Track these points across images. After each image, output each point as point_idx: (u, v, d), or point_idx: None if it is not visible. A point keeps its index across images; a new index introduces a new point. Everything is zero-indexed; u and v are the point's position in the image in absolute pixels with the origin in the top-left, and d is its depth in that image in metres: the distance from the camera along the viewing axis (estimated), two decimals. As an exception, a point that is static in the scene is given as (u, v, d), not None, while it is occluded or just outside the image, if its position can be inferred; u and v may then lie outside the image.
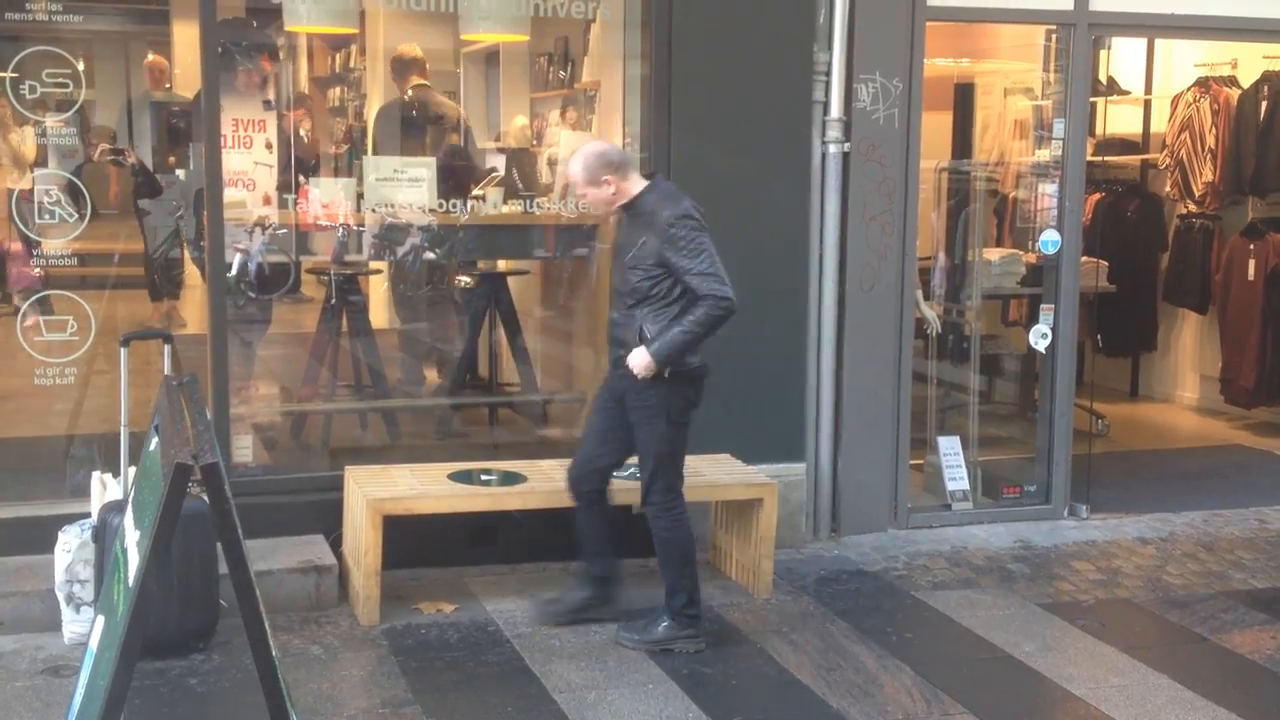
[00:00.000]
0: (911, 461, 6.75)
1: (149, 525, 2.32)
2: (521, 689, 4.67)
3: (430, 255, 6.42)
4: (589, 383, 6.82)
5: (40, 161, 5.75)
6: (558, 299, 7.15)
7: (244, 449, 5.75)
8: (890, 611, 5.57)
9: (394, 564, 5.63)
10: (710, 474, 5.75)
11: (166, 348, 5.06)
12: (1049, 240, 6.81)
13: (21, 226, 5.63)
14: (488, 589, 5.60)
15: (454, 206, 6.26)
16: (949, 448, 6.90)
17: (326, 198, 6.26)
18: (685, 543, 5.07)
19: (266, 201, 6.22)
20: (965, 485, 6.83)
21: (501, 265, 7.13)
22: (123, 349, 4.97)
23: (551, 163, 7.42)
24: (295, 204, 6.18)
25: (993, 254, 7.60)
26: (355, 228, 6.43)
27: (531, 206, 6.47)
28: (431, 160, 6.34)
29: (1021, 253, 7.65)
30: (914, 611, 5.59)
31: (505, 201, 6.52)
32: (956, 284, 7.69)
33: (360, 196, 6.17)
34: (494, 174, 7.39)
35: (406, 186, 6.13)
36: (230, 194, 5.91)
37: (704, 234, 4.85)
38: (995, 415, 7.96)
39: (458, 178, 6.69)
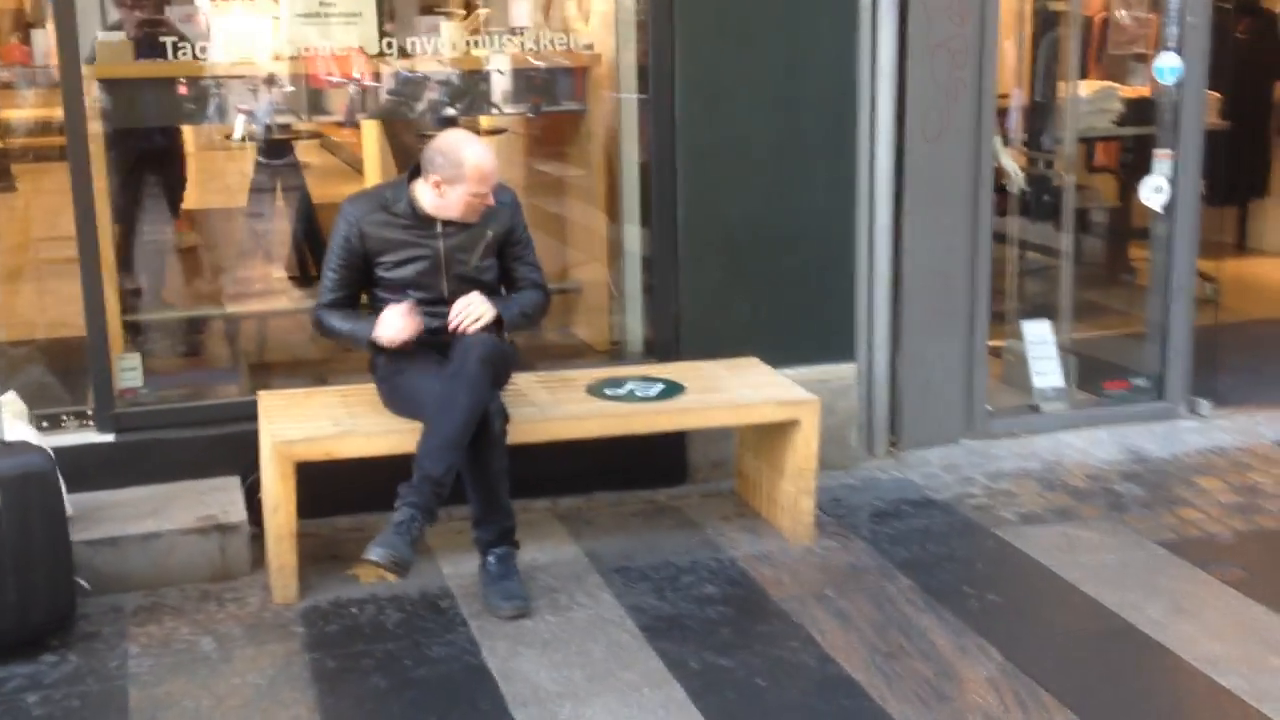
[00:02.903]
0: (989, 342, 5.39)
1: None
2: (470, 703, 3.45)
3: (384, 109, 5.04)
4: (587, 271, 5.51)
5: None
6: (547, 166, 5.77)
7: (131, 371, 4.49)
8: (967, 560, 4.30)
9: (333, 508, 4.46)
10: (730, 388, 4.44)
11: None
12: (1168, 67, 5.33)
13: None
14: (450, 542, 4.38)
15: (389, 48, 4.84)
16: (1037, 335, 5.54)
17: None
18: None
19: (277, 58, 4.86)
20: (1058, 381, 5.48)
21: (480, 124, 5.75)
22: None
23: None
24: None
25: (1082, 88, 6.14)
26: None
27: (498, 46, 5.04)
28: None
29: (1118, 86, 6.21)
30: (998, 559, 4.32)
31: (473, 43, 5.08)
32: (1039, 126, 6.29)
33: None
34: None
35: (336, 24, 4.76)
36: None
37: None
38: (1093, 282, 6.59)
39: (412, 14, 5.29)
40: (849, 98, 4.86)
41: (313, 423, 4.05)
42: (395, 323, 3.94)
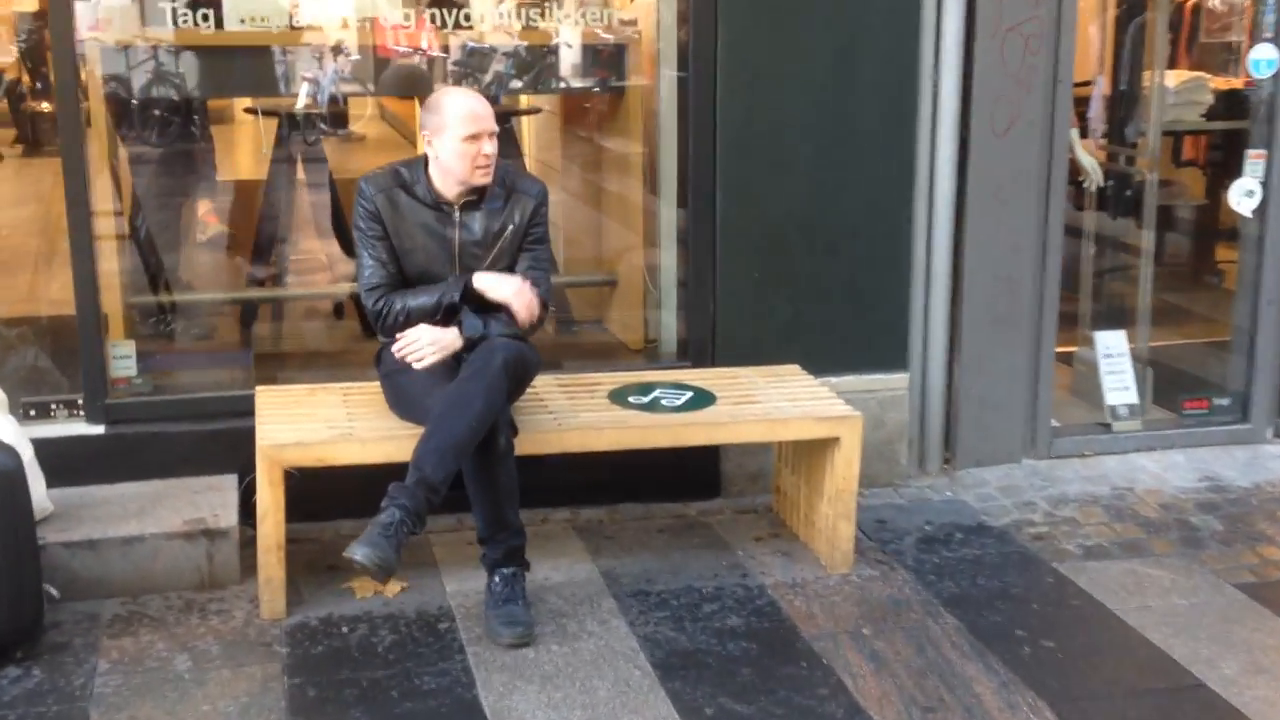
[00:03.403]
0: (1056, 349, 4.94)
1: None
2: (456, 744, 3.14)
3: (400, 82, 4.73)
4: (624, 263, 5.16)
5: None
6: (585, 148, 5.42)
7: (125, 359, 4.21)
8: (1022, 598, 3.89)
9: (337, 511, 4.15)
10: (765, 399, 4.06)
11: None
12: (1264, 59, 4.86)
13: None
14: (456, 555, 4.06)
15: (406, 20, 4.50)
16: (1110, 346, 5.10)
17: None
18: None
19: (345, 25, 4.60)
20: (1132, 398, 5.04)
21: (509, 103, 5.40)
22: None
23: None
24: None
25: (1169, 78, 5.68)
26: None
27: (535, 19, 4.68)
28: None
29: (1208, 76, 5.74)
30: (1056, 598, 3.91)
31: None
32: (1122, 117, 5.85)
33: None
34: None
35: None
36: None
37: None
38: (1175, 285, 6.15)
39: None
40: (908, 84, 4.45)
41: (307, 424, 3.74)
42: (422, 346, 3.62)
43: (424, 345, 3.61)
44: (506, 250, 3.72)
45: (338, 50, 4.75)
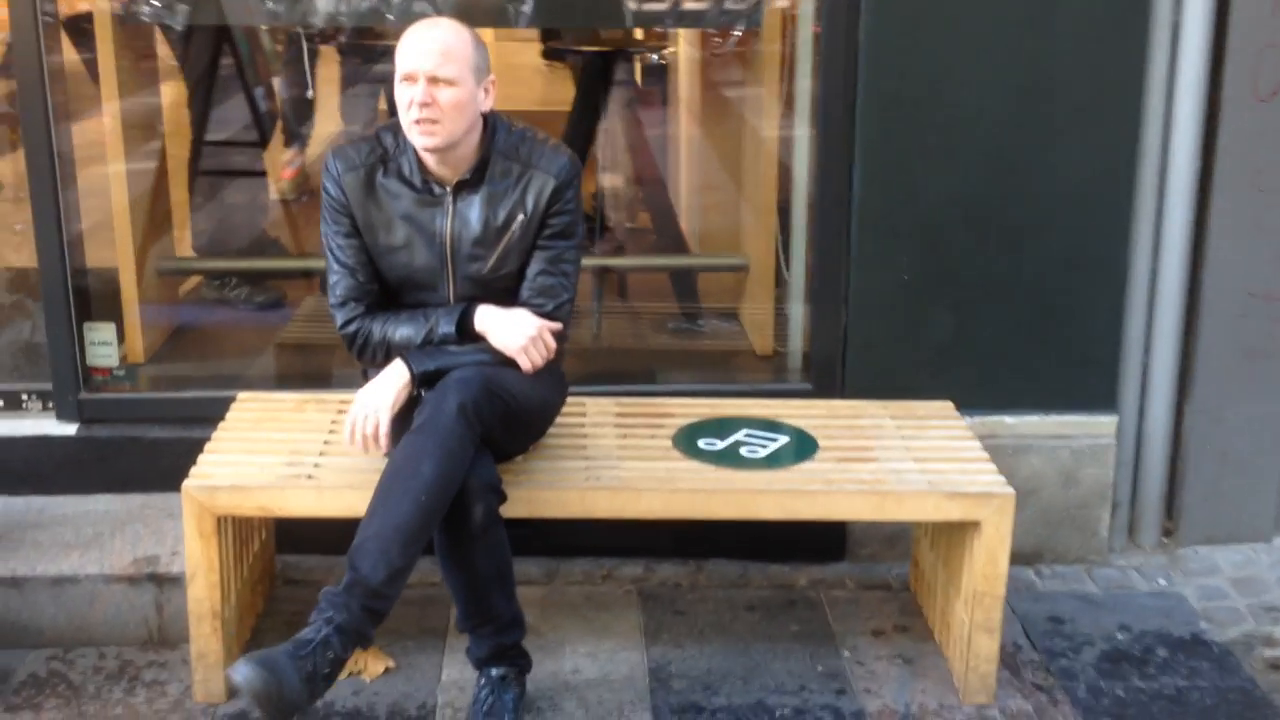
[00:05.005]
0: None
1: None
2: None
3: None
4: (755, 246, 4.10)
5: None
6: (708, 102, 4.37)
7: (105, 346, 3.45)
8: (1234, 774, 2.72)
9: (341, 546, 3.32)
10: (886, 454, 2.96)
11: None
12: None
13: None
14: (474, 624, 3.16)
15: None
16: None
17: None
18: None
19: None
20: None
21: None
22: None
23: None
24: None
25: None
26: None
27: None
28: None
29: None
30: (1287, 780, 2.71)
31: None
32: None
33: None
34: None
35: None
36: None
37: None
38: None
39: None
40: (1134, 28, 3.20)
41: (263, 457, 2.89)
42: (370, 420, 2.68)
43: (370, 419, 2.68)
44: (515, 249, 2.74)
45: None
